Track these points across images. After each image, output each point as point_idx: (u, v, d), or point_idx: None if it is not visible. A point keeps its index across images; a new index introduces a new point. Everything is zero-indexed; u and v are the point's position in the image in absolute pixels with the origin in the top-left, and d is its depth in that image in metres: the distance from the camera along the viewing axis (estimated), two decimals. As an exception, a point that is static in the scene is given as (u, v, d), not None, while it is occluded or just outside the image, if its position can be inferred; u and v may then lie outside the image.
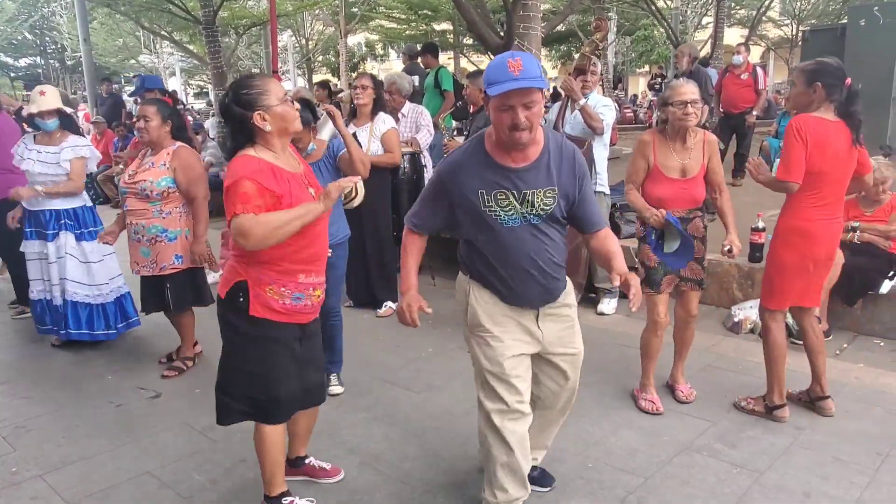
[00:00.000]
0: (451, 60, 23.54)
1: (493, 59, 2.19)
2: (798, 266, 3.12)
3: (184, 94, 27.47)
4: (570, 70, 4.52)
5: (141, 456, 3.07)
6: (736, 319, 4.42)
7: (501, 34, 6.47)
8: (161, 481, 2.87)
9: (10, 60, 33.22)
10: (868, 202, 4.35)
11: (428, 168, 5.60)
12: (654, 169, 3.24)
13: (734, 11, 20.86)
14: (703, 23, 20.55)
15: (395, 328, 4.66)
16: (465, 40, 21.13)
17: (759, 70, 7.91)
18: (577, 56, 4.65)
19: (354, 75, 8.60)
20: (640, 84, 28.39)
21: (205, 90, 31.72)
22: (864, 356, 4.01)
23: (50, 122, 4.12)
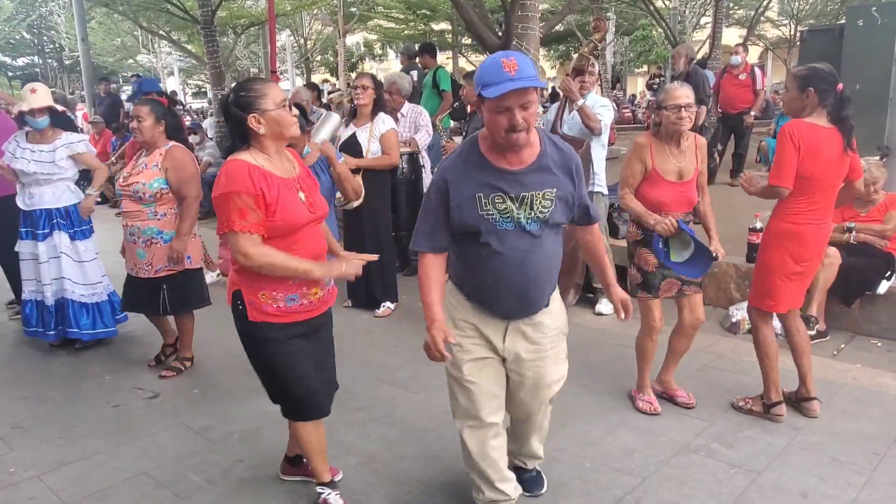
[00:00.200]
0: (449, 60, 23.55)
1: (486, 59, 2.12)
2: (787, 268, 3.15)
3: (182, 93, 27.45)
4: (568, 70, 4.52)
5: (138, 456, 3.07)
6: (734, 320, 4.43)
7: (500, 34, 6.46)
8: (158, 482, 2.87)
9: (7, 60, 33.21)
10: (862, 203, 4.37)
11: (426, 168, 5.60)
12: (653, 172, 3.19)
13: (732, 11, 20.87)
14: (701, 23, 20.57)
15: (393, 328, 4.67)
16: (464, 40, 21.10)
17: (757, 70, 7.92)
18: (575, 56, 4.66)
19: (354, 75, 8.58)
20: (638, 84, 28.40)
21: (203, 90, 31.72)
22: (861, 356, 4.02)
23: (41, 119, 4.09)
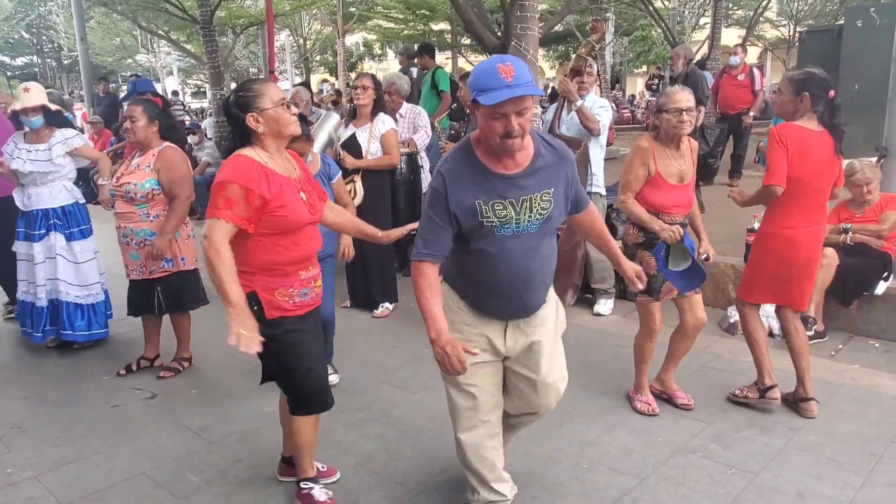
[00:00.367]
0: (448, 60, 23.55)
1: (480, 63, 2.10)
2: (775, 271, 3.22)
3: (182, 93, 27.45)
4: (566, 71, 4.52)
5: (136, 456, 3.07)
6: (732, 320, 4.43)
7: (499, 34, 6.47)
8: (156, 482, 2.87)
9: (6, 59, 33.23)
10: (857, 204, 4.38)
11: (425, 169, 5.60)
12: (656, 176, 3.18)
13: (731, 12, 20.88)
14: (700, 23, 20.59)
15: (391, 329, 4.67)
16: (463, 40, 21.10)
17: (755, 71, 7.94)
18: (574, 56, 4.66)
19: (354, 76, 8.58)
20: (637, 84, 28.42)
21: (202, 89, 31.71)
22: (859, 357, 4.02)
23: (34, 119, 4.08)
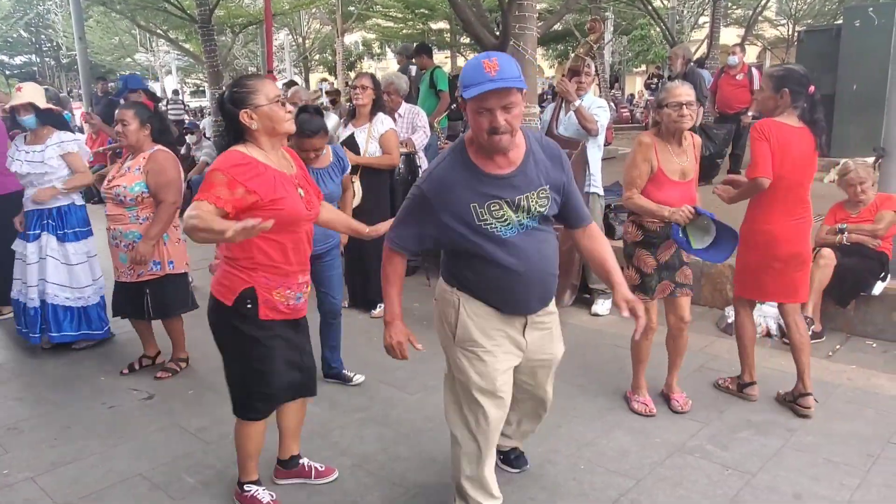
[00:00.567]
0: (447, 59, 23.53)
1: (469, 60, 2.11)
2: (762, 265, 3.29)
3: (181, 92, 27.44)
4: (564, 71, 4.52)
5: (133, 458, 3.07)
6: (729, 321, 4.43)
7: (497, 34, 6.46)
8: (152, 483, 2.86)
9: (5, 58, 33.18)
10: (853, 204, 4.38)
11: (423, 169, 5.59)
12: (658, 173, 3.17)
13: (730, 11, 20.87)
14: (699, 22, 20.58)
15: (389, 329, 4.67)
16: (462, 39, 21.07)
17: (754, 71, 7.93)
18: (572, 57, 4.66)
19: (354, 75, 8.57)
20: (636, 83, 28.42)
21: (201, 88, 31.68)
22: (856, 357, 4.03)
23: (27, 118, 4.09)
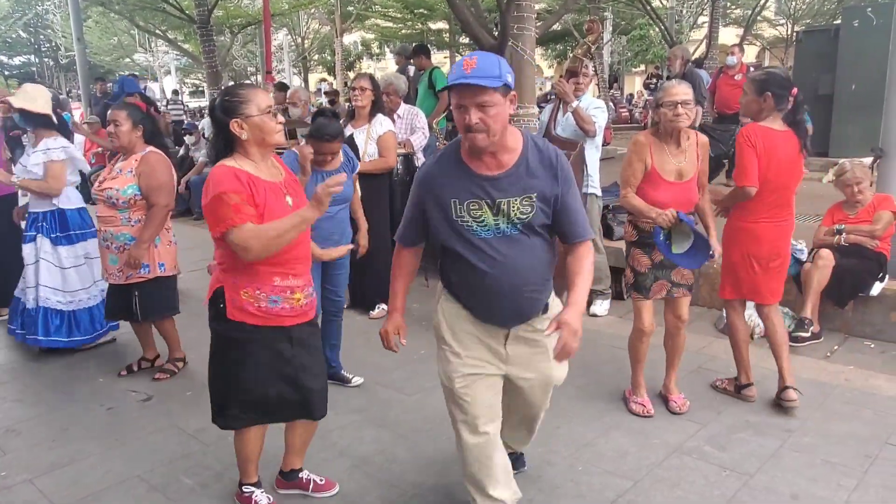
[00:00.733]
0: (447, 59, 23.53)
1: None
2: (742, 262, 3.35)
3: (180, 92, 27.43)
4: (562, 72, 4.52)
5: (131, 459, 3.07)
6: (727, 321, 4.42)
7: (496, 34, 6.46)
8: (150, 485, 2.86)
9: (4, 59, 33.17)
10: (850, 205, 4.38)
11: (421, 169, 5.59)
12: (652, 172, 3.17)
13: (729, 11, 20.88)
14: (698, 22, 20.60)
15: (387, 330, 4.67)
16: (462, 39, 21.09)
17: (753, 71, 7.93)
18: (570, 57, 4.66)
19: (353, 76, 8.55)
20: (636, 83, 28.42)
21: (200, 89, 31.66)
22: (854, 358, 4.03)
23: (16, 116, 4.15)
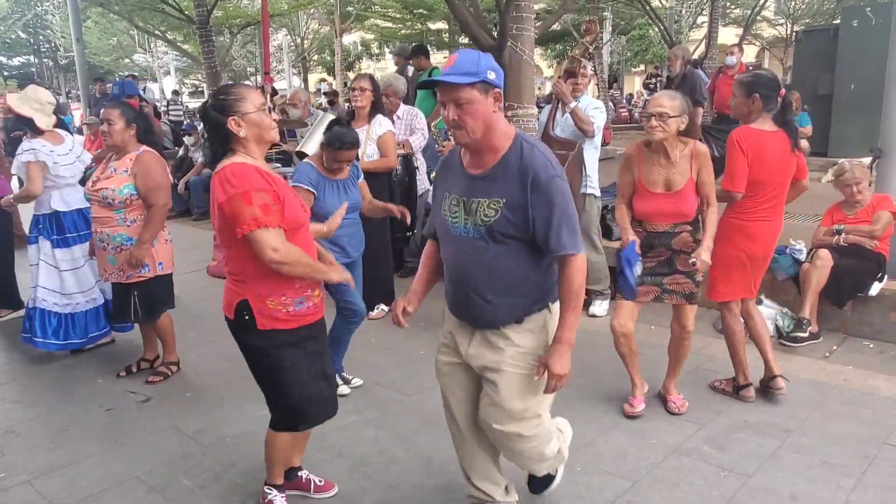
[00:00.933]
0: (446, 60, 23.52)
1: None
2: (736, 260, 3.37)
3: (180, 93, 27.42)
4: (560, 73, 4.52)
5: (130, 460, 3.06)
6: (723, 323, 4.41)
7: (495, 35, 6.46)
8: (149, 486, 2.86)
9: (3, 59, 33.18)
10: (849, 205, 4.38)
11: (420, 171, 5.59)
12: (638, 183, 3.21)
13: (729, 11, 20.89)
14: (697, 22, 20.60)
15: (387, 330, 4.65)
16: (461, 39, 21.09)
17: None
18: (568, 58, 4.66)
19: (353, 76, 8.56)
20: (635, 83, 28.46)
21: (200, 89, 31.68)
22: (853, 358, 4.03)
23: (8, 118, 4.26)
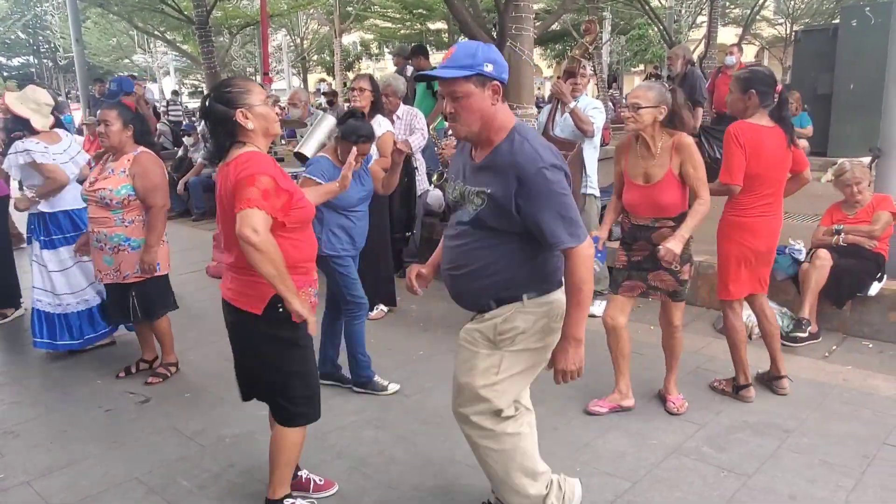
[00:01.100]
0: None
1: None
2: (740, 257, 3.36)
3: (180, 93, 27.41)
4: (559, 73, 4.52)
5: (129, 461, 3.06)
6: (725, 322, 4.41)
7: (494, 35, 6.46)
8: (148, 487, 2.86)
9: (2, 59, 33.18)
10: (849, 205, 4.38)
11: (420, 171, 5.58)
12: (624, 174, 3.25)
13: (728, 10, 20.91)
14: (697, 22, 20.61)
15: (386, 331, 4.65)
16: (461, 39, 21.15)
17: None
18: (567, 58, 4.66)
19: (352, 76, 8.57)
20: (635, 83, 28.39)
21: (199, 89, 31.67)
22: (852, 358, 4.03)
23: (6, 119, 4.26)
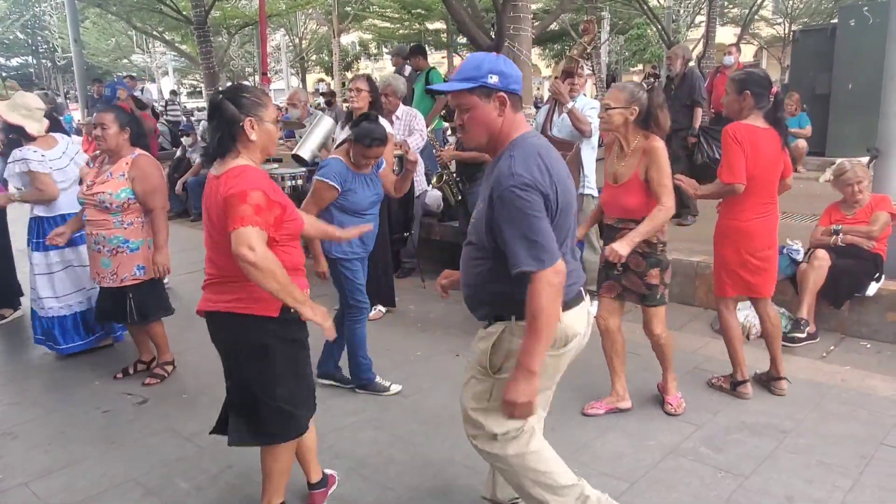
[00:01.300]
0: (444, 60, 23.55)
1: None
2: (738, 260, 3.38)
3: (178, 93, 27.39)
4: (557, 73, 4.52)
5: (127, 462, 3.06)
6: (720, 320, 4.42)
7: (492, 35, 6.47)
8: (146, 488, 2.86)
9: (1, 60, 33.14)
10: (848, 205, 4.38)
11: (418, 171, 5.58)
12: (605, 174, 3.29)
13: (727, 10, 20.93)
14: (695, 21, 20.62)
15: (384, 331, 4.65)
16: (459, 39, 21.11)
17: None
18: (565, 58, 4.66)
19: (351, 77, 8.56)
20: (633, 83, 28.38)
21: (198, 89, 31.67)
22: (850, 358, 4.03)
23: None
